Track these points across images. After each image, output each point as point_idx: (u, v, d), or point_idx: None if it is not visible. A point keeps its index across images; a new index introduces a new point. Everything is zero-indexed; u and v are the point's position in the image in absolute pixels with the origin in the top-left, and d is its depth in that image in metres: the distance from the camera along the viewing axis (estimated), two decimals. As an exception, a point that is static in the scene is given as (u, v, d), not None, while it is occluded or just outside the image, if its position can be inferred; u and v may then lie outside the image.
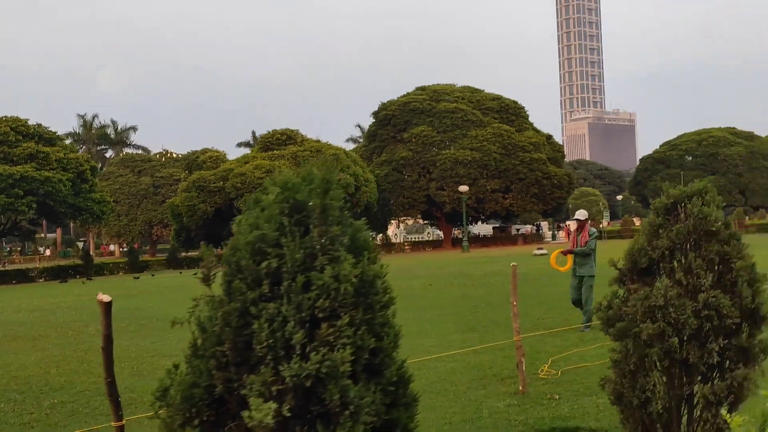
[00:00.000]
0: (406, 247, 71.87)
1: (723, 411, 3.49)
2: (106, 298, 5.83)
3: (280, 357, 2.34)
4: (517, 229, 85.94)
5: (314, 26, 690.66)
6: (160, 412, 2.59)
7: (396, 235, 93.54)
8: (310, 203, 2.42)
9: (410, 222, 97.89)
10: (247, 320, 2.38)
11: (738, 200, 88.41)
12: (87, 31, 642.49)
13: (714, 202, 4.37)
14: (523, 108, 74.89)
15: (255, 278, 2.39)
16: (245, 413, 2.26)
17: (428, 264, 43.00)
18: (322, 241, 2.42)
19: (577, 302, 13.32)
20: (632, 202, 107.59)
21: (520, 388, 8.68)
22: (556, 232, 78.46)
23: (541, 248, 45.14)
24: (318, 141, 66.11)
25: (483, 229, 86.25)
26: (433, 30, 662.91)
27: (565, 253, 13.79)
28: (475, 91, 74.41)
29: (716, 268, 4.29)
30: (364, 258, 2.48)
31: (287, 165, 59.82)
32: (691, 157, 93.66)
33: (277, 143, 65.30)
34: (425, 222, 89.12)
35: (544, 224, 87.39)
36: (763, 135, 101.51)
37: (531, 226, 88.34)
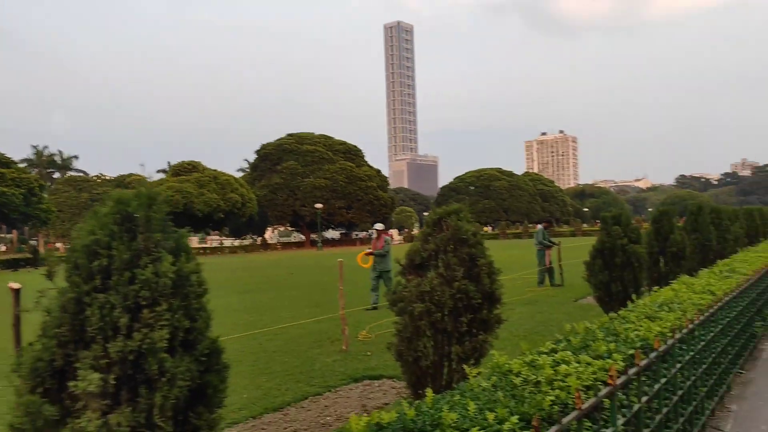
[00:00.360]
0: (278, 246, 70.49)
1: (466, 366, 3.44)
2: (16, 285, 5.19)
3: (108, 336, 2.05)
4: (356, 235, 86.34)
5: (218, 83, 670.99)
6: (16, 382, 2.23)
7: (271, 237, 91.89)
8: (137, 215, 2.14)
9: (282, 228, 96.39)
10: (82, 307, 2.07)
11: (503, 217, 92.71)
12: (43, 82, 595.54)
13: (466, 218, 4.37)
14: (360, 150, 75.50)
15: (89, 274, 2.08)
16: (71, 383, 1.96)
17: (292, 258, 42.36)
18: (147, 244, 2.14)
19: (374, 288, 13.11)
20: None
21: (344, 347, 8.52)
22: (383, 237, 79.37)
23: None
24: (215, 170, 63.84)
25: (333, 234, 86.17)
26: (303, 92, 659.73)
27: (367, 254, 13.41)
28: (328, 137, 74.34)
29: (466, 264, 4.29)
30: (183, 258, 2.21)
31: (192, 187, 57.65)
32: (473, 187, 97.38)
33: (185, 171, 62.74)
34: (292, 228, 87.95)
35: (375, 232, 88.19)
36: (519, 174, 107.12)
37: (366, 232, 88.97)
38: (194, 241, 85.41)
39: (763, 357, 7.07)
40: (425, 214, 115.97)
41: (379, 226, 13.89)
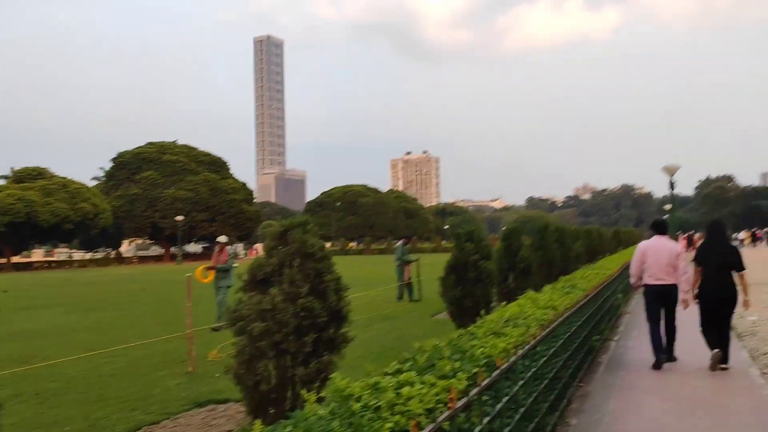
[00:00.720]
0: (135, 260, 66.13)
1: (304, 391, 3.16)
2: None
3: None
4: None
5: (72, 85, 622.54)
6: None
7: (128, 250, 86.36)
8: None
9: (140, 241, 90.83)
10: None
11: (368, 233, 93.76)
12: None
13: (312, 232, 4.11)
14: (226, 163, 73.23)
15: None
16: None
17: (148, 273, 39.91)
18: None
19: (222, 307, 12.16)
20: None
21: (190, 369, 7.91)
22: (246, 252, 77.50)
23: (235, 263, 43.80)
24: (64, 177, 58.81)
25: (194, 248, 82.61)
26: (169, 102, 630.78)
27: (208, 268, 12.26)
28: (191, 148, 71.35)
29: (312, 280, 4.02)
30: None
31: (36, 195, 52.80)
32: (340, 203, 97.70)
33: (29, 177, 57.22)
34: (151, 241, 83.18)
35: (239, 246, 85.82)
36: (385, 191, 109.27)
37: (230, 246, 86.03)
38: (39, 254, 77.98)
39: (601, 370, 7.44)
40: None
41: (222, 238, 13.02)
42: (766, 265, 26.39)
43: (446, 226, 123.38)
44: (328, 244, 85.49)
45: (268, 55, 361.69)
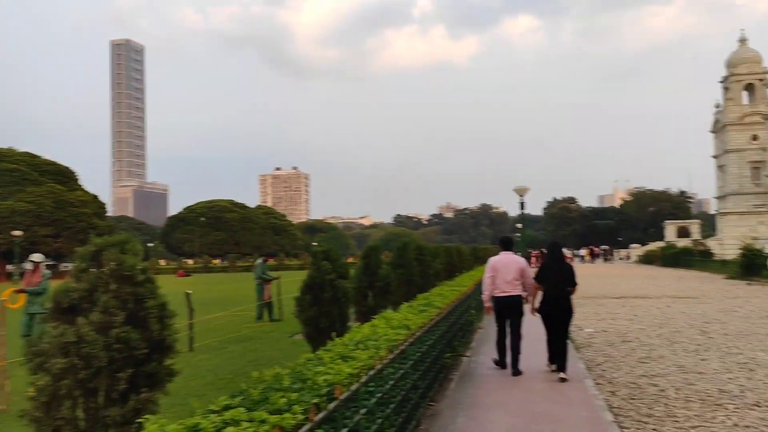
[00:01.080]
0: (-39, 281, 59.10)
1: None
2: None
3: None
4: (66, 266, 76.81)
5: None
6: None
7: (-45, 269, 76.92)
8: None
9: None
10: None
11: (234, 249, 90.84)
12: None
13: (132, 252, 3.63)
14: (74, 173, 67.83)
15: None
16: None
17: (-23, 295, 35.65)
18: None
19: (27, 335, 10.67)
20: (160, 249, 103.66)
21: (2, 407, 6.92)
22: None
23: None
24: None
25: (37, 266, 75.49)
26: (16, 108, 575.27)
27: (17, 291, 10.74)
28: (33, 156, 65.36)
29: (130, 306, 3.54)
30: None
31: None
32: (204, 218, 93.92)
33: None
34: (-16, 259, 74.74)
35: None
36: (252, 206, 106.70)
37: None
38: None
39: (452, 387, 7.46)
40: (150, 245, 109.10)
41: (36, 256, 11.39)
42: (601, 279, 28.65)
43: (315, 243, 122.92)
44: (190, 261, 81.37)
45: (127, 60, 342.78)
